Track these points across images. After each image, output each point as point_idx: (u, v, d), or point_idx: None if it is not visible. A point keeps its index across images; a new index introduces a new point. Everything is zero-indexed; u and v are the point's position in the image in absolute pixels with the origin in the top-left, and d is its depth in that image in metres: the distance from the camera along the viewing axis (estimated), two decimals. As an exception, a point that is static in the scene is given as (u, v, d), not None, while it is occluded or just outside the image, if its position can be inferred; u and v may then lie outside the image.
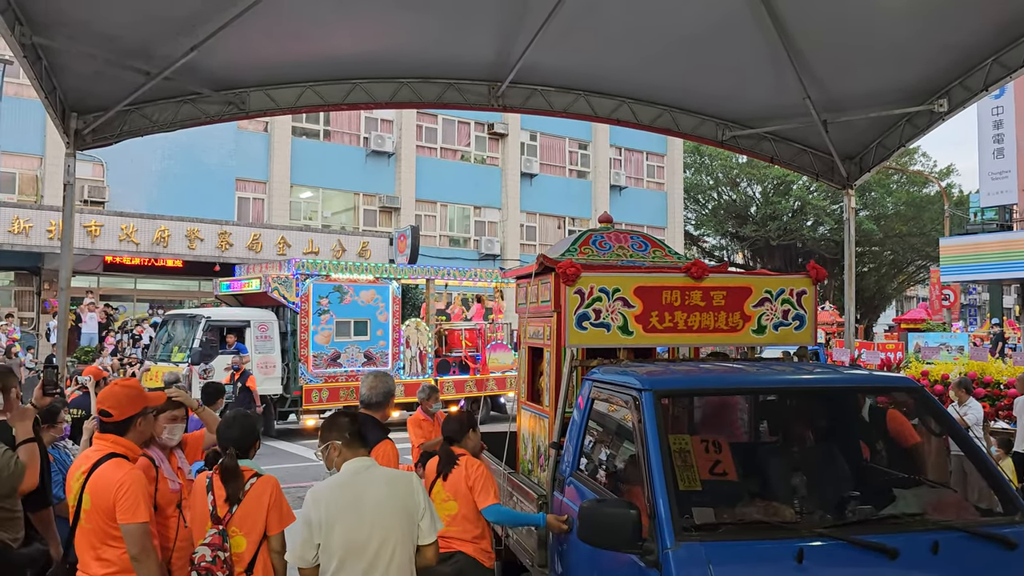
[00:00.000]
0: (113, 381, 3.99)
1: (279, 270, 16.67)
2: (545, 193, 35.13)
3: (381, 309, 17.08)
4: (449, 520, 4.63)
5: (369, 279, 17.07)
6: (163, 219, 24.04)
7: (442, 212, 33.10)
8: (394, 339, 17.23)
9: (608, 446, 4.68)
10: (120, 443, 3.74)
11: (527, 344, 6.26)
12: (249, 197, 28.84)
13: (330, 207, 31.24)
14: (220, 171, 27.74)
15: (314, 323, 16.35)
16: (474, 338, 18.64)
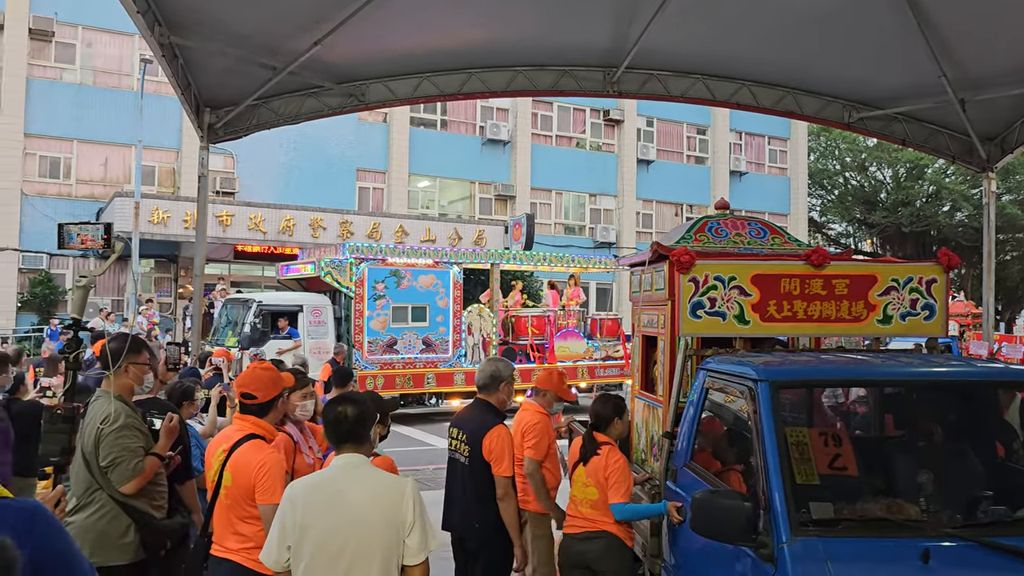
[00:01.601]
0: (251, 364, 4.17)
1: (334, 254, 16.29)
2: (662, 180, 34.62)
3: (441, 295, 16.57)
4: (591, 504, 4.69)
5: (428, 263, 16.53)
6: (288, 208, 24.99)
7: (557, 200, 33.05)
8: (455, 325, 16.67)
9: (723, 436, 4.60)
10: (260, 425, 3.91)
11: (641, 332, 6.22)
12: (369, 187, 29.60)
13: (447, 196, 31.70)
14: (341, 162, 28.58)
15: (369, 308, 15.90)
16: (541, 325, 17.95)
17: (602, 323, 18.74)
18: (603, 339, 18.44)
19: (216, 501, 3.82)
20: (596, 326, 18.70)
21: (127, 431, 4.07)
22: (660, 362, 5.64)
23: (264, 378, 4.00)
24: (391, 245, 16.91)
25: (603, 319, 18.99)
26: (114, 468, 4.02)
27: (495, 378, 4.86)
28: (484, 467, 4.68)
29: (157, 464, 4.17)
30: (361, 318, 15.87)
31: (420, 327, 16.45)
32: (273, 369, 4.09)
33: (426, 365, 16.39)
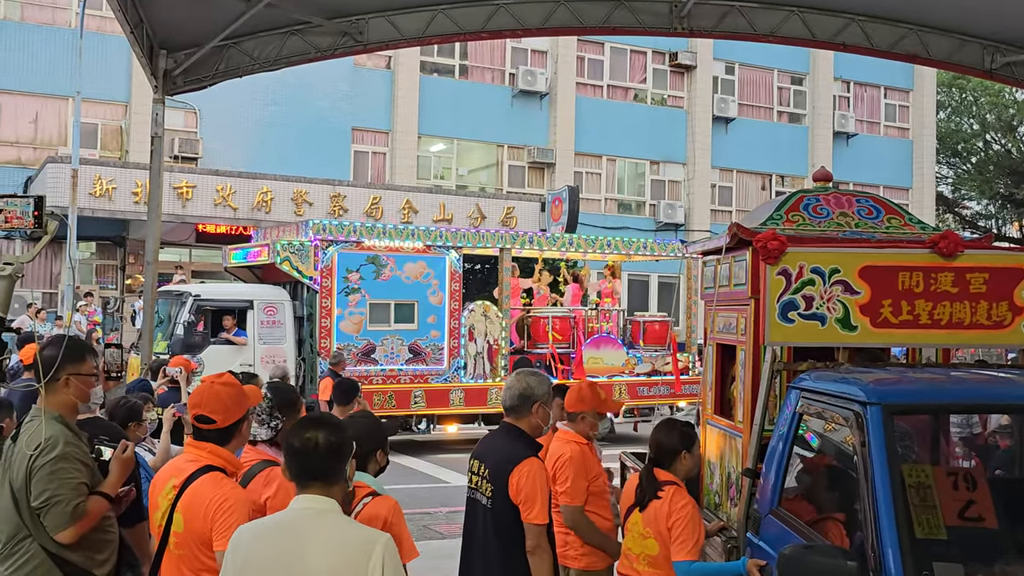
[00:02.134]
0: (207, 379, 4.14)
1: (294, 234, 16.24)
2: (745, 143, 34.44)
3: (433, 288, 16.45)
4: (649, 561, 4.72)
5: (417, 248, 16.36)
6: (265, 178, 25.16)
7: (609, 169, 32.97)
8: (452, 328, 16.55)
9: (820, 475, 4.57)
10: (219, 454, 3.92)
11: (714, 340, 6.21)
12: (367, 151, 29.71)
13: (467, 163, 31.71)
14: (333, 119, 28.73)
15: (339, 305, 15.77)
16: (565, 329, 17.76)
17: (646, 327, 18.60)
18: (647, 348, 18.38)
19: (164, 551, 3.83)
20: (638, 330, 18.60)
21: (66, 463, 4.05)
22: (739, 379, 5.65)
23: (224, 397, 4.00)
24: (368, 224, 16.77)
25: (647, 321, 18.90)
26: (48, 510, 4.00)
27: (526, 398, 4.82)
28: (511, 511, 4.66)
29: (105, 506, 4.16)
30: (329, 318, 15.73)
31: (406, 330, 16.34)
32: (235, 385, 4.08)
33: (414, 380, 16.21)
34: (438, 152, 30.94)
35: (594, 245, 18.44)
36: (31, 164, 25.44)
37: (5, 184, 24.18)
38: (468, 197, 28.07)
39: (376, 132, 29.71)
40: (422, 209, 26.72)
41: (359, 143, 29.51)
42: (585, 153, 32.21)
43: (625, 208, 33.26)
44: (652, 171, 33.59)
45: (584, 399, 5.53)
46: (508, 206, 28.13)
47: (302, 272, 15.69)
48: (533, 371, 5.03)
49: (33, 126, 25.99)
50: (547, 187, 30.83)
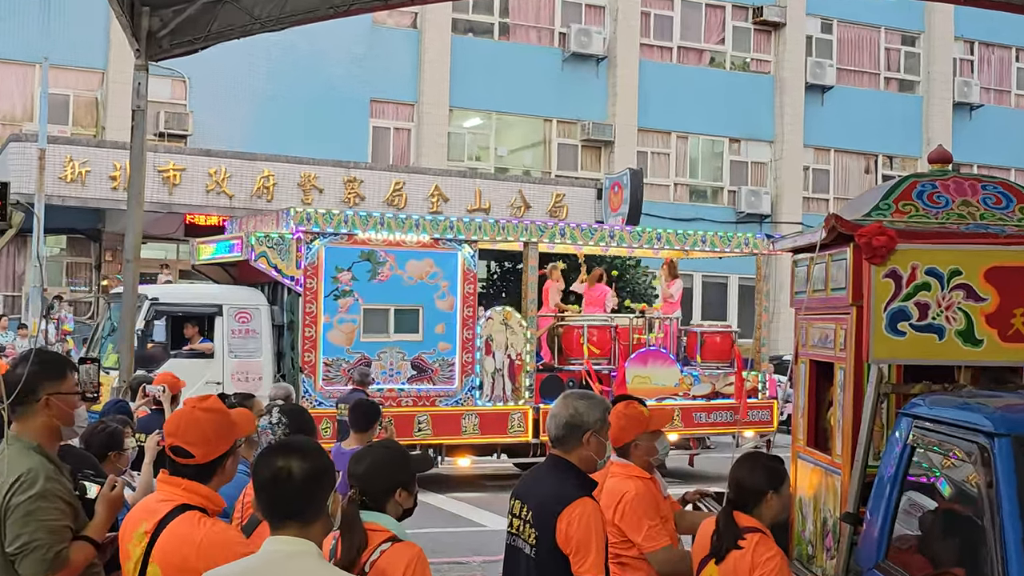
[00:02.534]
0: (188, 402, 4.10)
1: (273, 225, 16.25)
2: (845, 116, 34.14)
3: (443, 291, 16.38)
4: None
5: (422, 241, 16.30)
6: (267, 160, 25.35)
7: (679, 148, 32.93)
8: (465, 340, 16.48)
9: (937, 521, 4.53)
10: (197, 491, 3.89)
11: (806, 357, 6.18)
12: (389, 127, 29.89)
13: (508, 141, 31.73)
14: (347, 90, 28.85)
15: (327, 311, 15.70)
16: (604, 341, 17.67)
17: (704, 339, 18.50)
18: (705, 364, 18.30)
19: None
20: (695, 343, 18.52)
21: (47, 502, 4.08)
22: (838, 403, 5.61)
23: (205, 425, 3.96)
24: (363, 213, 16.60)
25: (706, 332, 18.86)
26: (25, 557, 4.04)
27: (574, 427, 4.80)
28: (560, 562, 4.61)
29: (91, 553, 4.19)
30: (314, 326, 15.67)
31: (409, 341, 16.22)
32: (219, 411, 4.02)
33: (417, 402, 16.16)
34: (473, 128, 31.01)
35: (640, 239, 18.28)
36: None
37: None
38: (509, 182, 28.11)
39: (399, 104, 29.87)
40: (454, 196, 26.78)
41: (379, 117, 29.69)
42: (650, 129, 32.22)
43: (699, 195, 33.18)
44: (732, 151, 33.46)
45: (627, 425, 5.45)
46: (557, 193, 28.13)
47: (281, 270, 15.61)
48: (583, 393, 5.01)
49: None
50: (604, 170, 30.83)
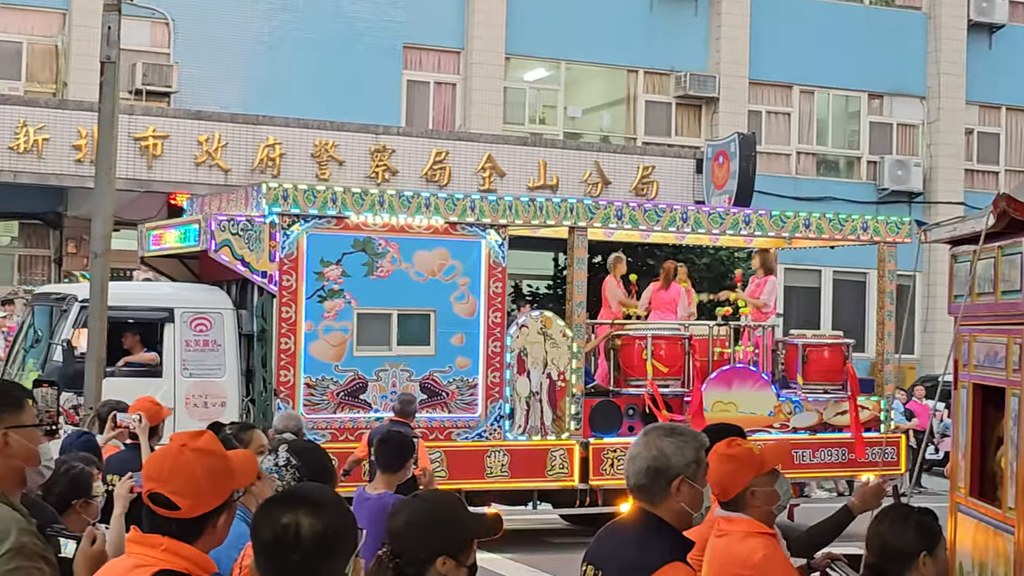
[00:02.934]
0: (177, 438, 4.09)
1: (241, 205, 16.34)
2: (1020, 65, 33.80)
3: (461, 290, 16.46)
4: None
5: (435, 226, 16.36)
6: (272, 124, 25.48)
7: (803, 106, 33.07)
8: (490, 355, 16.50)
9: None
10: (179, 552, 3.89)
11: (969, 379, 6.10)
12: (428, 81, 30.01)
13: (580, 98, 31.76)
14: (375, 34, 29.04)
15: (310, 316, 15.77)
16: (674, 356, 17.69)
17: (807, 354, 18.38)
18: (808, 387, 18.12)
19: None
20: (794, 359, 18.41)
21: (25, 560, 4.19)
22: (1011, 441, 5.57)
23: (196, 470, 3.94)
24: (356, 190, 16.52)
25: (810, 345, 18.68)
26: None
27: (658, 472, 4.82)
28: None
29: None
30: (292, 336, 15.70)
31: (417, 356, 16.20)
32: (215, 453, 4.01)
33: (428, 435, 15.92)
34: (537, 82, 31.09)
35: (722, 222, 18.34)
36: (-75, 106, 26.15)
37: None
38: (583, 152, 28.10)
39: (441, 52, 30.07)
40: (512, 169, 26.75)
41: (414, 69, 29.85)
42: (765, 82, 32.38)
43: (830, 168, 33.16)
44: (871, 109, 33.43)
45: (734, 470, 5.44)
46: (645, 165, 28.06)
47: (249, 264, 15.63)
48: (670, 428, 5.06)
49: (-72, 47, 26.63)
50: (706, 136, 30.76)
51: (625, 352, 17.66)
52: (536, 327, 16.89)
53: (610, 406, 16.90)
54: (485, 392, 16.47)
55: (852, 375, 18.10)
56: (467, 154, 26.68)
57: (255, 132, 25.32)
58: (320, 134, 25.69)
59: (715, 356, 17.95)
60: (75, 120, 23.92)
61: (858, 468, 17.68)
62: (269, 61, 28.04)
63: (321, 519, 3.37)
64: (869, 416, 17.96)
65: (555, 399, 16.69)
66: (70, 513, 5.99)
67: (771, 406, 17.59)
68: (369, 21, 28.88)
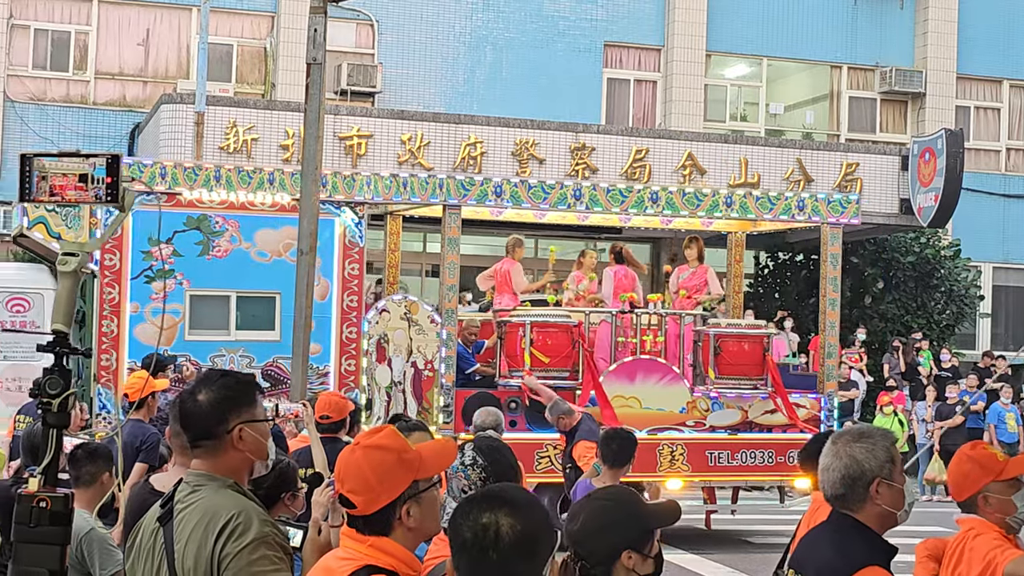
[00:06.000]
0: (360, 437, 4.19)
1: None
2: None
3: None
4: None
5: (280, 203, 15.71)
6: (472, 123, 25.59)
7: (1013, 100, 32.24)
8: (344, 340, 15.91)
9: None
10: (384, 549, 3.99)
11: None
12: (628, 79, 29.96)
13: (783, 94, 31.36)
14: (575, 33, 29.18)
15: (136, 298, 15.15)
16: (560, 345, 16.41)
17: (719, 345, 17.13)
18: (722, 381, 17.03)
19: None
20: (706, 352, 17.18)
21: (269, 550, 4.32)
22: None
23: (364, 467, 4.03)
24: (190, 167, 15.97)
25: (721, 336, 17.34)
26: None
27: (853, 480, 4.78)
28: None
29: None
30: (116, 318, 15.14)
31: (259, 341, 15.70)
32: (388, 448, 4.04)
33: None
34: (738, 79, 30.86)
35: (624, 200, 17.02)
36: (139, 106, 26.86)
37: (106, 135, 25.73)
38: (785, 149, 27.61)
39: (642, 50, 29.93)
40: (713, 167, 26.45)
41: (615, 67, 29.77)
42: (974, 76, 31.75)
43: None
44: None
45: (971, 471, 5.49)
46: (848, 162, 27.50)
47: (67, 243, 14.81)
48: (857, 431, 4.97)
49: (142, 51, 27.44)
50: (911, 132, 30.20)
51: (508, 341, 16.62)
52: (399, 312, 16.05)
53: (487, 398, 15.30)
54: (338, 381, 15.72)
55: (773, 369, 17.17)
56: (667, 152, 26.44)
57: (457, 131, 25.43)
58: (521, 132, 25.69)
59: (617, 346, 16.75)
60: (282, 120, 24.29)
61: (787, 473, 16.49)
62: (471, 61, 28.29)
63: (520, 520, 3.39)
64: (807, 415, 16.86)
65: (420, 389, 15.79)
66: (278, 506, 6.09)
67: (683, 402, 16.49)
68: (569, 20, 28.95)
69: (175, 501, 4.40)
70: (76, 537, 6.03)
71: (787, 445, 16.47)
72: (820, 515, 5.52)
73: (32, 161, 4.24)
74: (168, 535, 4.33)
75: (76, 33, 27.05)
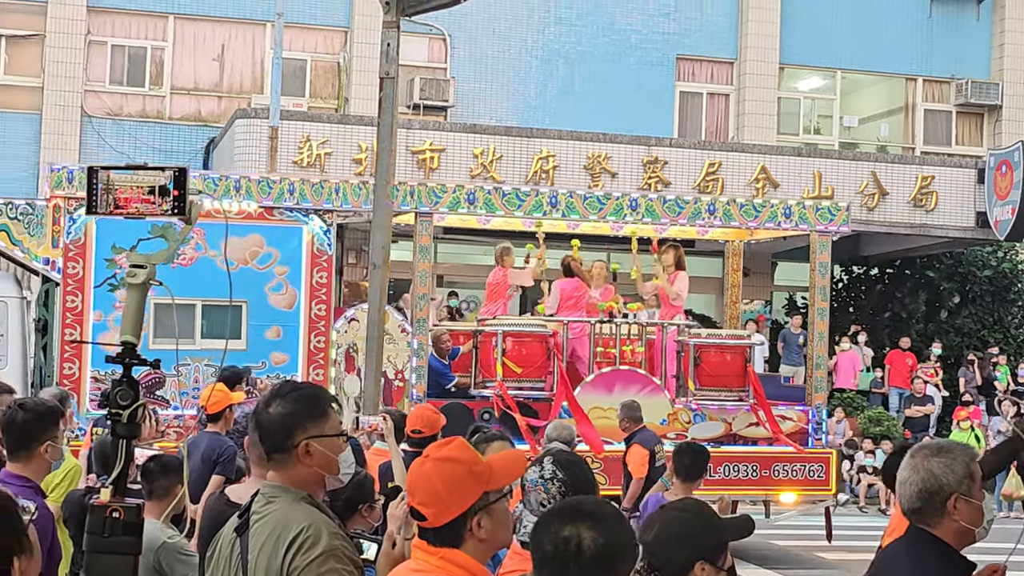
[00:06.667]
0: (430, 448, 4.21)
1: None
2: None
3: (278, 280, 15.68)
4: None
5: (247, 211, 15.44)
6: (545, 136, 25.55)
7: (1093, 112, 31.53)
8: (312, 350, 15.76)
9: None
10: (455, 561, 4.00)
11: None
12: (700, 92, 29.89)
13: (857, 108, 31.13)
14: (648, 46, 29.18)
15: (99, 306, 15.05)
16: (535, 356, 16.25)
17: (698, 356, 16.77)
18: (703, 392, 16.64)
19: None
20: (686, 363, 16.76)
21: (338, 563, 4.30)
22: None
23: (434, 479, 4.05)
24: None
25: (701, 346, 16.96)
26: None
27: (930, 494, 4.75)
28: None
29: None
30: (79, 326, 15.08)
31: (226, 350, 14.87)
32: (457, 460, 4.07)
33: None
34: (811, 92, 30.71)
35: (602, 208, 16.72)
36: (214, 121, 27.10)
37: (181, 149, 25.96)
38: (859, 162, 27.40)
39: (714, 63, 29.91)
40: (786, 180, 26.28)
41: (687, 81, 29.74)
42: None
43: None
44: None
45: None
46: (924, 175, 27.25)
47: (30, 250, 14.95)
48: (939, 446, 4.93)
49: (217, 66, 27.73)
50: (988, 145, 29.91)
51: (483, 350, 16.56)
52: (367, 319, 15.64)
53: (459, 408, 15.11)
54: None
55: (755, 379, 16.84)
56: (740, 165, 26.30)
57: (529, 145, 25.43)
58: (593, 146, 25.65)
59: (597, 357, 16.59)
60: (355, 134, 24.40)
61: (772, 487, 16.35)
62: (543, 74, 28.30)
63: (602, 533, 3.39)
64: (793, 428, 16.57)
65: (391, 400, 15.51)
66: (355, 517, 6.11)
67: (664, 414, 16.12)
68: (642, 33, 28.91)
69: (251, 512, 4.43)
70: (152, 549, 6.09)
71: (772, 459, 16.37)
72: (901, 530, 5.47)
73: (98, 174, 4.26)
74: (244, 546, 4.36)
75: (152, 49, 27.36)
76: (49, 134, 26.56)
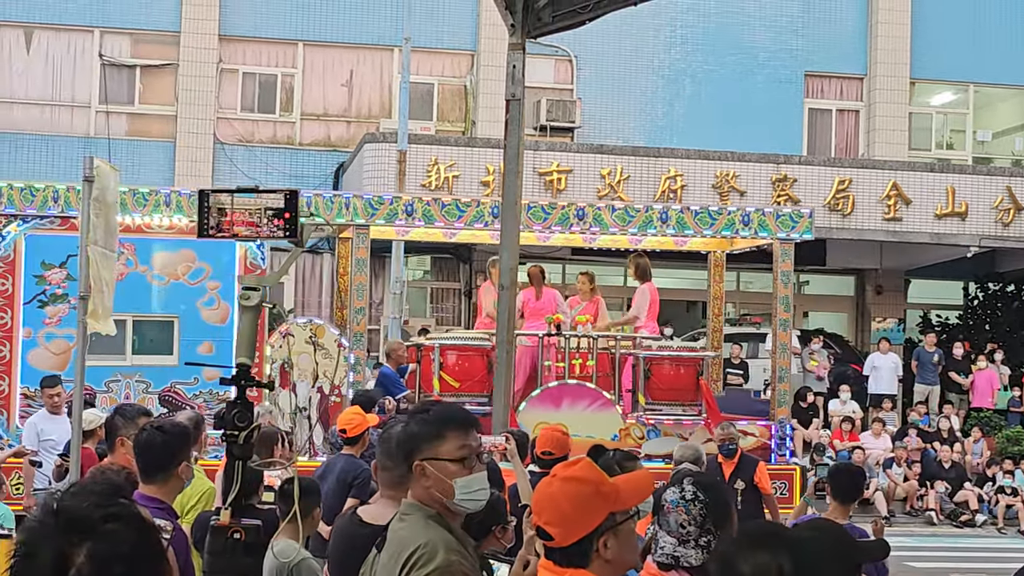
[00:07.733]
0: (557, 468, 4.21)
1: None
2: None
3: (210, 295, 15.37)
4: None
5: (178, 226, 15.08)
6: (672, 156, 25.54)
7: None
8: None
9: None
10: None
11: None
12: (830, 109, 29.63)
13: (991, 123, 30.64)
14: (776, 63, 29.08)
15: (29, 323, 15.04)
16: (474, 369, 15.89)
17: (648, 369, 16.36)
18: (653, 406, 16.23)
19: None
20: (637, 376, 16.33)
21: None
22: None
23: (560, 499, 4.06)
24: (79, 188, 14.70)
25: (651, 358, 16.55)
26: None
27: None
28: None
29: None
30: (8, 343, 15.01)
31: (157, 366, 15.32)
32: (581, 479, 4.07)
33: None
34: (944, 107, 30.26)
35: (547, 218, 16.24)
36: (343, 145, 27.46)
37: (311, 174, 26.26)
38: (994, 177, 26.95)
39: (843, 79, 29.64)
40: (918, 197, 25.97)
41: (816, 97, 29.51)
42: None
43: None
44: None
45: None
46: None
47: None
48: None
49: (346, 92, 28.08)
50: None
51: (423, 365, 16.35)
52: (304, 336, 15.58)
53: None
54: None
55: (707, 393, 16.41)
56: (871, 182, 25.98)
57: (656, 164, 25.36)
58: (721, 165, 25.52)
59: (543, 370, 16.10)
60: (483, 157, 24.54)
61: None
62: (669, 94, 28.24)
63: (800, 562, 3.35)
64: (755, 444, 15.79)
65: (327, 415, 15.10)
66: (489, 538, 6.15)
67: (615, 429, 15.59)
68: (770, 51, 28.74)
69: (389, 529, 4.50)
70: (287, 565, 6.17)
71: (733, 475, 15.75)
72: None
73: (209, 196, 4.30)
74: (379, 562, 4.45)
75: (282, 76, 27.81)
76: (183, 161, 27.07)
